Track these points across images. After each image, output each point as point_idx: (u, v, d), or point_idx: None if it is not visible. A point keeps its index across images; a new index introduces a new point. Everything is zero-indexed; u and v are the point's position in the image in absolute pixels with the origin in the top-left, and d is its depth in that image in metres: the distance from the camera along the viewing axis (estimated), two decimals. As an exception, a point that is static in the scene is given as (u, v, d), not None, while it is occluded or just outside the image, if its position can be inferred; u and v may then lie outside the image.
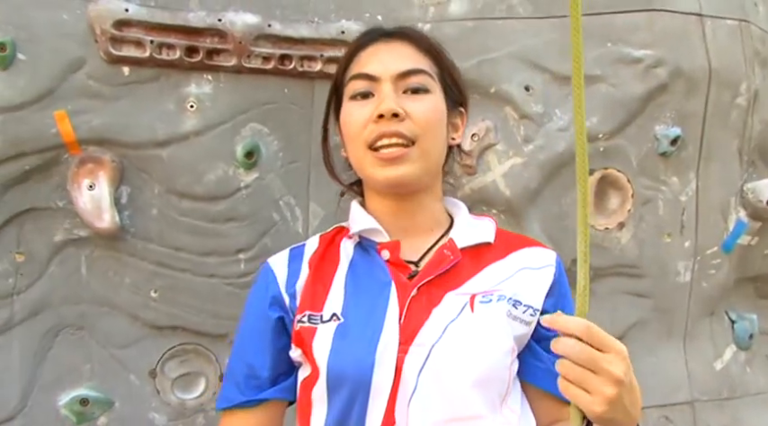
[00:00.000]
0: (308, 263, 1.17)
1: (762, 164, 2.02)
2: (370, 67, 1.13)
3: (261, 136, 1.58)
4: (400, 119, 1.08)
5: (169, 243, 1.55)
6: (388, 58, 1.13)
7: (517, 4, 1.73)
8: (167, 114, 1.49)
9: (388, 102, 1.08)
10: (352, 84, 1.15)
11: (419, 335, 1.03)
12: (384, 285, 1.09)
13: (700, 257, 1.87)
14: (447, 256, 1.11)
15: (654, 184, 1.79)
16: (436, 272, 1.09)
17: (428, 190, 1.17)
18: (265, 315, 1.14)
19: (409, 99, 1.11)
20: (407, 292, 1.07)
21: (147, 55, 1.45)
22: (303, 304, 1.12)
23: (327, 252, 1.18)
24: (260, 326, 1.14)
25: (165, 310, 1.57)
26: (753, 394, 2.06)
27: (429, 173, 1.15)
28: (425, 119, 1.10)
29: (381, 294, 1.08)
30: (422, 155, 1.10)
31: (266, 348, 1.13)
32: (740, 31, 1.91)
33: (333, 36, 1.59)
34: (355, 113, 1.13)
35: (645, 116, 1.76)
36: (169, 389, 1.60)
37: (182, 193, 1.53)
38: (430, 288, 1.08)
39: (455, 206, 1.25)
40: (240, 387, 1.13)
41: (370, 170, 1.12)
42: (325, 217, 1.67)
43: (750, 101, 1.91)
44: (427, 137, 1.10)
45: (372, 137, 1.09)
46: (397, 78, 1.12)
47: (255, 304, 1.17)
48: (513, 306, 1.08)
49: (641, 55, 1.74)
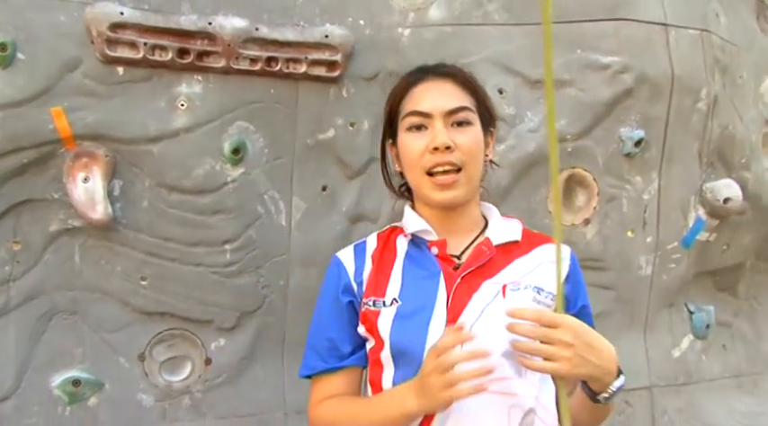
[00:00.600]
0: (371, 258, 1.39)
1: (720, 165, 2.13)
2: (423, 106, 1.33)
3: (247, 133, 1.66)
4: (451, 151, 1.29)
5: (159, 233, 1.63)
6: (437, 97, 1.34)
7: (493, 11, 1.83)
8: (159, 112, 1.57)
9: (442, 138, 1.29)
10: (409, 119, 1.35)
11: (462, 315, 1.26)
12: (434, 274, 1.31)
13: (660, 252, 1.99)
14: (484, 251, 1.33)
15: (618, 183, 1.90)
16: (476, 265, 1.31)
17: (468, 201, 1.38)
18: (339, 300, 1.36)
19: (456, 132, 1.32)
20: (453, 281, 1.29)
21: (140, 56, 1.53)
22: (368, 290, 1.34)
23: (386, 248, 1.40)
24: (336, 308, 1.36)
25: (154, 297, 1.66)
26: (707, 380, 2.19)
27: (471, 193, 1.37)
28: (469, 149, 1.31)
29: (432, 281, 1.31)
30: (468, 180, 1.33)
31: (344, 325, 1.35)
32: (702, 40, 2.02)
33: (317, 40, 1.67)
34: (413, 144, 1.33)
35: (611, 119, 1.87)
36: (157, 372, 1.69)
37: (171, 187, 1.61)
38: (470, 278, 1.30)
39: (489, 209, 1.46)
40: (323, 357, 1.35)
41: (427, 192, 1.34)
42: (307, 211, 1.76)
43: (710, 106, 2.02)
44: (471, 163, 1.32)
45: (429, 165, 1.31)
46: (446, 115, 1.32)
47: (330, 290, 1.39)
48: (537, 292, 1.30)
49: (609, 61, 1.84)
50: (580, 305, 1.36)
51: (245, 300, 1.73)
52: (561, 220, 1.13)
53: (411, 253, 1.37)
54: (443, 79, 1.37)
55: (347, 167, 1.79)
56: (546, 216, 1.85)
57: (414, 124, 1.33)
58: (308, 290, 1.79)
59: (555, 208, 1.15)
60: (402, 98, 1.38)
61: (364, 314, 1.32)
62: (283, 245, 1.75)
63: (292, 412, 1.78)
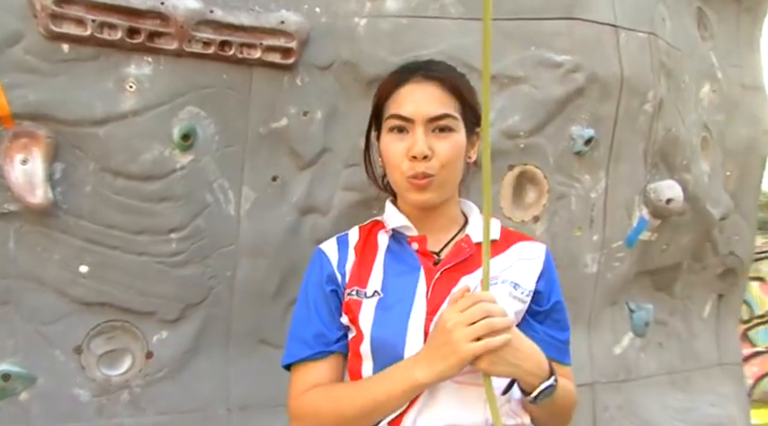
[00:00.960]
0: (353, 250, 1.41)
1: (663, 166, 2.19)
2: (406, 110, 1.34)
3: (198, 119, 1.61)
4: (428, 159, 1.32)
5: (101, 220, 1.56)
6: (421, 102, 1.34)
7: (449, 4, 1.82)
8: (106, 93, 1.50)
9: (420, 146, 1.31)
10: (391, 121, 1.36)
11: (442, 308, 1.26)
12: (415, 269, 1.34)
13: (606, 250, 2.03)
14: (464, 248, 1.36)
15: (568, 181, 1.93)
16: (455, 261, 1.34)
17: (446, 201, 1.41)
18: (323, 289, 1.37)
19: (437, 138, 1.34)
20: (433, 275, 1.32)
21: (87, 33, 1.45)
22: (351, 281, 1.36)
23: (367, 242, 1.42)
24: (322, 297, 1.37)
25: (94, 287, 1.58)
26: (645, 377, 2.25)
27: (447, 195, 1.40)
28: (447, 158, 1.33)
29: (413, 276, 1.33)
30: (441, 184, 1.35)
31: (330, 313, 1.36)
32: (649, 43, 2.06)
33: (273, 25, 1.63)
34: (394, 147, 1.36)
35: (563, 117, 1.89)
36: (94, 365, 1.61)
37: (116, 172, 1.54)
38: (450, 273, 1.33)
39: (469, 207, 1.48)
40: (309, 344, 1.34)
41: (405, 193, 1.37)
42: (257, 201, 1.72)
43: (656, 108, 2.07)
44: (446, 170, 1.34)
45: (408, 174, 1.33)
46: (428, 121, 1.33)
47: (315, 280, 1.40)
48: (513, 287, 1.34)
49: (562, 60, 1.86)
50: (553, 301, 1.39)
51: (191, 291, 1.67)
52: (491, 202, 1.18)
53: (392, 248, 1.40)
54: (430, 82, 1.37)
55: (299, 157, 1.75)
56: (497, 212, 1.86)
57: (396, 126, 1.35)
58: (256, 282, 1.75)
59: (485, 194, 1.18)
60: (388, 96, 1.39)
61: (347, 303, 1.34)
62: (231, 236, 1.70)
63: (236, 408, 1.74)
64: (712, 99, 2.45)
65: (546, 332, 1.37)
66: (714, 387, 2.65)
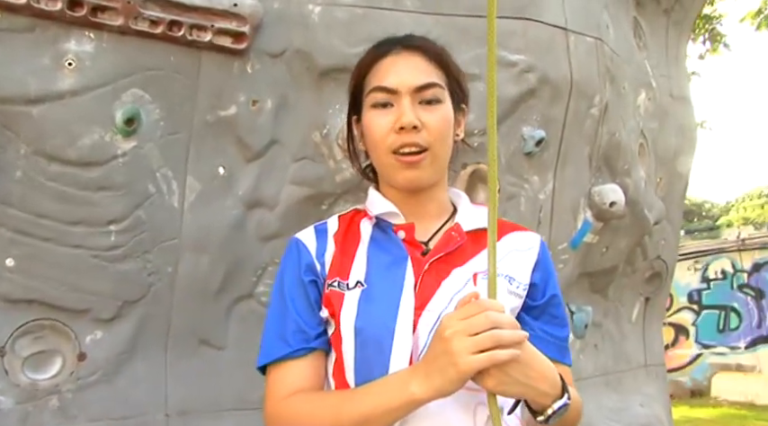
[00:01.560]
0: (333, 239, 1.30)
1: (606, 170, 2.22)
2: (389, 81, 1.25)
3: (142, 102, 1.50)
4: (417, 130, 1.22)
5: (32, 209, 1.43)
6: (405, 72, 1.25)
7: (405, -4, 1.78)
8: (42, 69, 1.38)
9: (409, 116, 1.22)
10: (374, 95, 1.26)
11: (431, 302, 1.19)
12: (401, 259, 1.24)
13: (552, 252, 2.02)
14: (454, 238, 1.26)
15: (518, 182, 1.91)
16: (445, 251, 1.25)
17: (437, 183, 1.31)
18: (301, 280, 1.25)
19: (425, 110, 1.24)
20: (421, 266, 1.22)
21: (23, 1, 1.32)
22: (332, 271, 1.25)
23: (349, 231, 1.31)
24: (300, 289, 1.25)
25: (21, 282, 1.45)
26: (583, 378, 2.26)
27: (438, 174, 1.30)
28: (438, 129, 1.24)
29: (399, 266, 1.23)
30: (434, 160, 1.25)
31: (309, 307, 1.24)
32: (596, 48, 2.08)
33: (225, 8, 1.54)
34: (378, 122, 1.25)
35: (515, 117, 1.87)
36: (19, 369, 1.48)
37: (51, 156, 1.42)
38: (439, 264, 1.23)
39: (457, 195, 1.39)
40: (288, 341, 1.22)
41: (392, 172, 1.26)
42: (202, 192, 1.62)
43: (601, 112, 2.09)
44: (438, 144, 1.25)
45: (395, 146, 1.23)
46: (414, 91, 1.24)
47: (292, 271, 1.28)
48: (508, 282, 1.25)
49: (515, 59, 1.85)
50: (550, 294, 1.30)
51: (129, 288, 1.55)
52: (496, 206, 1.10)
53: (376, 237, 1.29)
54: (412, 52, 1.28)
55: (247, 148, 1.67)
56: (450, 210, 1.82)
57: (379, 101, 1.26)
58: (198, 279, 1.65)
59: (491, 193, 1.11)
60: (367, 72, 1.30)
61: (328, 295, 1.23)
62: (174, 229, 1.59)
63: (174, 414, 1.63)
64: (647, 106, 2.51)
65: (543, 330, 1.27)
66: (641, 387, 2.70)
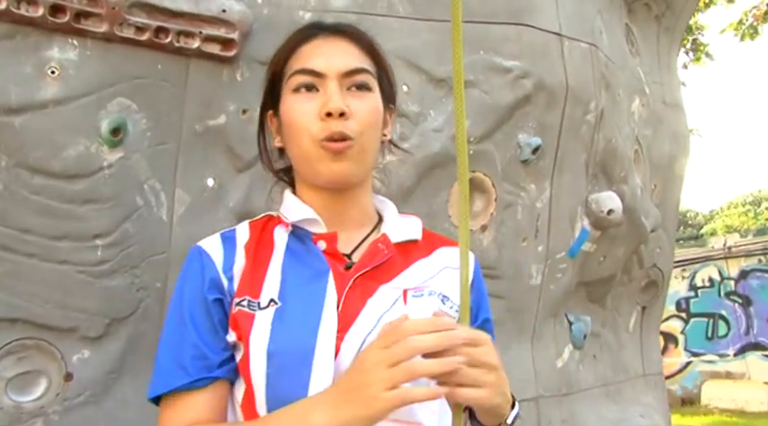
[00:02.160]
0: (243, 249, 1.15)
1: (602, 177, 2.19)
2: (315, 63, 1.12)
3: (129, 112, 1.45)
4: (345, 118, 1.10)
5: (14, 223, 1.36)
6: (333, 55, 1.14)
7: (397, 3, 1.74)
8: (23, 78, 1.32)
9: (337, 101, 1.09)
10: (296, 78, 1.14)
11: (355, 324, 1.05)
12: (321, 273, 1.10)
13: (550, 261, 1.99)
14: (381, 250, 1.14)
15: (515, 190, 1.88)
16: (372, 265, 1.12)
17: (361, 184, 1.19)
18: (204, 298, 1.10)
19: (353, 96, 1.13)
20: (345, 282, 1.09)
21: (2, 7, 1.27)
22: (242, 288, 1.10)
23: (261, 240, 1.17)
24: (202, 308, 1.10)
25: (4, 299, 1.38)
26: (584, 389, 2.22)
27: (365, 169, 1.17)
28: (367, 118, 1.13)
29: (319, 282, 1.09)
30: (360, 151, 1.12)
31: (211, 329, 1.09)
32: (591, 54, 2.06)
33: (213, 14, 1.49)
34: (301, 108, 1.12)
35: (511, 124, 1.84)
36: (2, 391, 1.40)
37: (34, 168, 1.36)
38: (364, 280, 1.10)
39: (383, 203, 1.28)
40: (187, 369, 1.06)
41: (317, 164, 1.12)
42: (192, 205, 1.57)
43: (597, 119, 2.06)
44: (366, 134, 1.13)
45: (322, 135, 1.10)
46: (343, 76, 1.12)
47: (194, 286, 1.12)
48: (441, 301, 1.12)
49: (510, 65, 1.82)
50: (482, 318, 1.21)
51: (117, 304, 1.49)
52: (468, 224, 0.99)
53: (292, 248, 1.15)
54: (341, 37, 1.18)
55: (237, 159, 1.62)
56: (446, 219, 1.78)
57: (302, 84, 1.12)
58: (189, 295, 1.59)
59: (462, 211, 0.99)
60: (289, 56, 1.17)
61: (235, 316, 1.08)
62: (163, 242, 1.53)
63: (165, 434, 1.56)
64: (641, 113, 2.49)
65: None
66: (639, 398, 2.67)
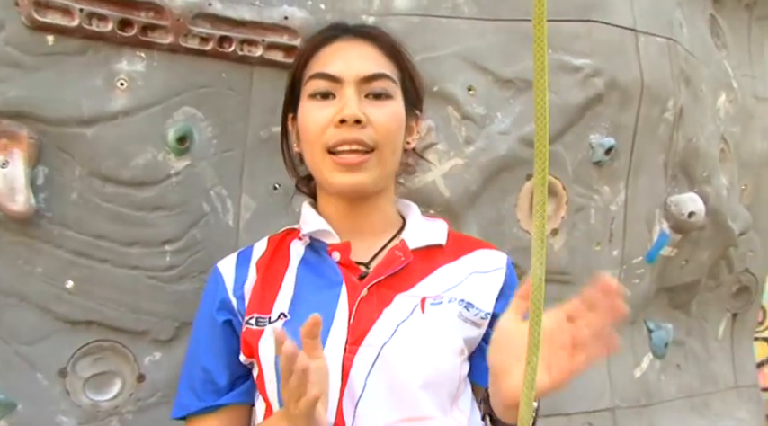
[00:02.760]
0: (255, 266, 1.16)
1: (683, 178, 2.08)
2: (333, 67, 1.10)
3: (194, 120, 1.49)
4: (362, 126, 1.07)
5: (89, 230, 1.43)
6: (352, 59, 1.11)
7: (462, 3, 1.71)
8: (94, 90, 1.38)
9: (352, 108, 1.07)
10: (313, 83, 1.12)
11: (369, 335, 1.03)
12: (334, 284, 1.08)
13: (626, 266, 1.91)
14: (398, 257, 1.11)
15: (587, 192, 1.81)
16: (387, 273, 1.09)
17: (382, 192, 1.17)
18: (213, 320, 1.12)
19: (371, 104, 1.10)
20: (357, 292, 1.06)
21: (75, 24, 1.33)
22: (251, 306, 1.10)
23: (276, 254, 1.17)
24: (211, 331, 1.13)
25: (81, 303, 1.45)
26: (666, 400, 2.12)
27: (385, 179, 1.15)
28: (386, 127, 1.09)
29: (331, 293, 1.07)
30: (379, 162, 1.10)
31: (220, 352, 1.11)
32: (668, 48, 1.97)
33: (276, 21, 1.51)
34: (315, 114, 1.10)
35: (582, 124, 1.78)
36: (80, 390, 1.47)
37: (106, 177, 1.41)
38: (380, 289, 1.07)
39: (407, 207, 1.24)
40: (197, 393, 1.11)
41: (327, 174, 1.11)
42: (257, 210, 1.59)
43: (676, 117, 1.97)
44: (386, 145, 1.10)
45: (333, 141, 1.08)
46: (361, 82, 1.10)
47: (205, 308, 1.16)
48: (464, 308, 1.09)
49: (580, 64, 1.76)
50: None
51: (186, 308, 1.52)
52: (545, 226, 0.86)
53: (308, 260, 1.14)
54: (363, 40, 1.15)
55: (302, 164, 1.63)
56: (515, 224, 1.74)
57: (319, 90, 1.11)
58: (256, 299, 1.62)
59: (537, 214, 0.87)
60: (308, 59, 1.15)
61: (244, 336, 1.09)
62: (230, 248, 1.55)
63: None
64: (728, 109, 2.35)
65: None
66: (732, 412, 2.52)
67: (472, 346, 1.11)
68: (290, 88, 1.21)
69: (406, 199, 1.27)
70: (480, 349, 1.11)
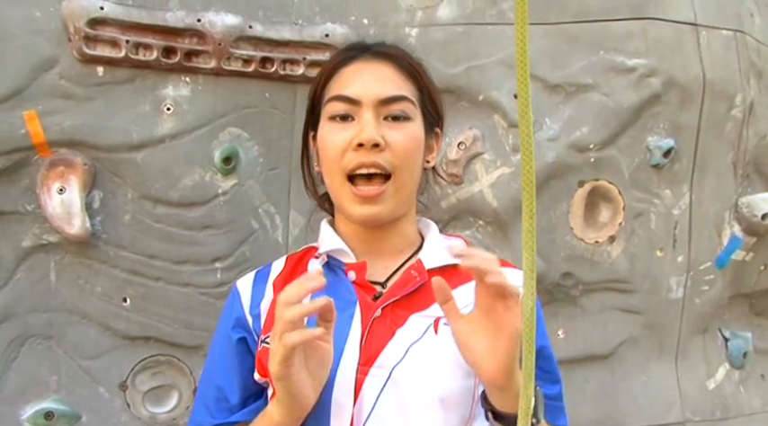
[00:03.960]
0: (272, 285, 1.16)
1: (757, 177, 1.97)
2: (351, 90, 1.10)
3: (240, 141, 1.53)
4: (380, 150, 1.07)
5: (142, 250, 1.49)
6: (370, 81, 1.11)
7: (508, 9, 1.68)
8: (143, 116, 1.44)
9: (370, 131, 1.06)
10: (332, 105, 1.12)
11: (381, 356, 1.03)
12: (349, 305, 1.07)
13: (693, 272, 1.82)
14: (413, 277, 1.10)
15: (646, 197, 1.74)
16: (401, 293, 1.08)
17: (401, 216, 1.16)
18: (229, 337, 1.13)
19: (390, 127, 1.09)
20: (371, 312, 1.06)
21: (122, 55, 1.39)
22: (267, 324, 1.09)
23: (294, 273, 1.17)
24: (225, 349, 1.14)
25: (138, 320, 1.51)
26: (747, 414, 2.00)
27: (403, 207, 1.14)
28: (404, 150, 1.09)
29: (345, 313, 1.06)
30: (396, 190, 1.10)
31: (234, 370, 1.12)
32: (735, 41, 1.86)
33: (316, 39, 1.53)
34: (334, 137, 1.10)
35: (637, 126, 1.71)
36: (140, 402, 1.54)
37: (156, 199, 1.47)
38: (395, 309, 1.07)
39: (427, 226, 1.23)
40: (210, 411, 1.12)
41: (346, 204, 1.11)
42: (306, 226, 1.62)
43: (745, 113, 1.86)
44: (404, 169, 1.10)
45: (351, 166, 1.08)
46: (379, 104, 1.09)
47: (222, 326, 1.17)
48: None
49: (634, 64, 1.69)
50: (538, 345, 1.06)
51: (237, 324, 1.58)
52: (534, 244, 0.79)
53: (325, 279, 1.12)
54: (382, 60, 1.14)
55: (349, 178, 1.65)
56: (568, 232, 1.69)
57: (338, 112, 1.10)
58: (307, 313, 1.64)
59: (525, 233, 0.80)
60: (328, 80, 1.16)
61: (260, 355, 1.09)
62: (280, 264, 1.60)
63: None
64: (810, 102, 2.21)
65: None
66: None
67: None
68: (311, 108, 1.22)
69: (426, 218, 1.26)
70: None
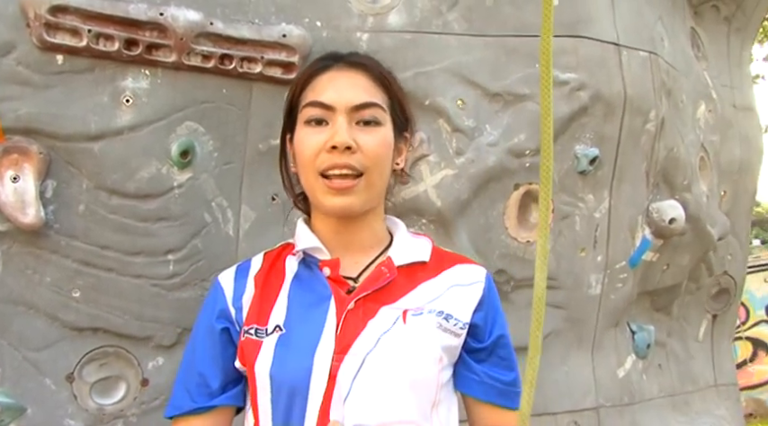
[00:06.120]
0: (253, 280, 1.23)
1: (664, 186, 2.16)
2: (326, 96, 1.18)
3: (196, 135, 1.54)
4: (352, 152, 1.15)
5: (95, 240, 1.48)
6: (344, 88, 1.19)
7: (453, 20, 1.78)
8: (101, 107, 1.43)
9: (342, 135, 1.15)
10: (308, 110, 1.20)
11: (354, 345, 1.11)
12: (324, 299, 1.16)
13: (609, 271, 1.99)
14: (384, 273, 1.19)
15: (572, 201, 1.89)
16: (373, 288, 1.17)
17: (371, 211, 1.25)
18: (212, 327, 1.20)
19: (361, 131, 1.18)
20: (345, 305, 1.15)
21: (83, 44, 1.39)
22: (250, 318, 1.18)
23: (273, 269, 1.25)
24: (208, 338, 1.20)
25: (87, 311, 1.50)
26: (647, 399, 2.20)
27: (373, 200, 1.23)
28: (375, 153, 1.18)
29: (321, 307, 1.16)
30: (368, 186, 1.18)
31: (216, 358, 1.19)
32: (650, 62, 2.05)
33: (274, 39, 1.57)
34: (309, 140, 1.19)
35: (567, 136, 1.85)
36: (87, 394, 1.53)
37: (112, 190, 1.47)
38: (366, 302, 1.16)
39: (395, 225, 1.32)
40: (192, 395, 1.18)
41: (320, 197, 1.19)
42: (257, 221, 1.65)
43: (657, 127, 2.04)
44: (375, 169, 1.18)
45: (325, 165, 1.16)
46: (352, 110, 1.18)
47: (204, 317, 1.23)
48: (444, 318, 1.17)
49: (567, 78, 1.83)
50: (496, 334, 1.23)
51: (188, 315, 1.57)
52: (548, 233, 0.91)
53: (300, 275, 1.22)
54: (354, 69, 1.23)
55: (299, 176, 1.70)
56: (503, 231, 1.81)
57: (313, 117, 1.19)
58: (255, 306, 1.68)
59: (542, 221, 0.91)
60: (305, 87, 1.24)
61: (243, 344, 1.17)
62: (230, 257, 1.62)
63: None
64: (708, 119, 2.44)
65: (487, 374, 1.20)
66: (711, 409, 2.61)
67: (453, 354, 1.19)
68: (288, 112, 1.29)
69: (394, 217, 1.35)
70: (462, 359, 1.21)
